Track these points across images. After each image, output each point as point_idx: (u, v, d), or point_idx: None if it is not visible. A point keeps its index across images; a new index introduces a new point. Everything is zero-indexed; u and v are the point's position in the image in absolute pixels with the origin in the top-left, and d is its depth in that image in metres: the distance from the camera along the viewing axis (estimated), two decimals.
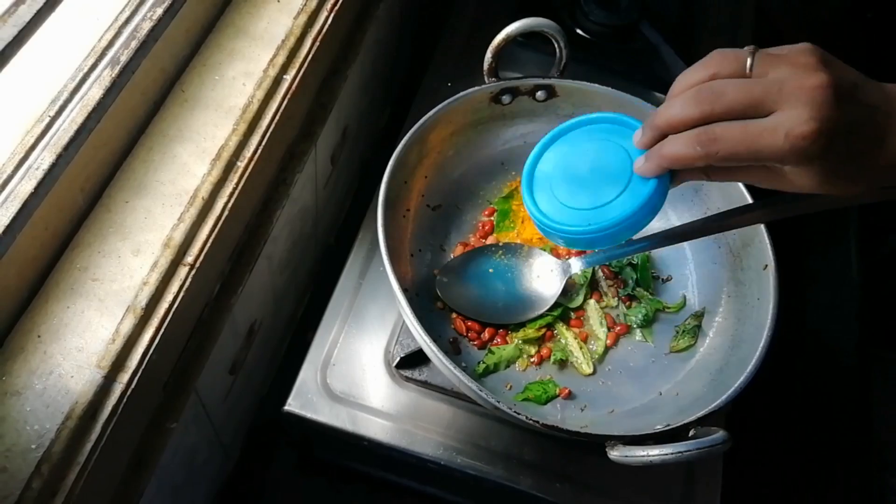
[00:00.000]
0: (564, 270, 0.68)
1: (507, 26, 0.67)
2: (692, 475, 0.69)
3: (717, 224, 0.60)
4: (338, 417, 0.69)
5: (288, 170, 0.70)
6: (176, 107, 0.59)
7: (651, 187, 0.49)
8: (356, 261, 0.78)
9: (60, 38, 0.51)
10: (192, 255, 0.53)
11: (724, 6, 1.06)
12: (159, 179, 0.55)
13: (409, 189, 0.70)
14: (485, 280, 0.69)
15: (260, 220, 0.67)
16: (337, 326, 0.73)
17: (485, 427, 0.70)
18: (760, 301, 0.64)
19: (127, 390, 0.47)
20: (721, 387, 0.59)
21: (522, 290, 0.69)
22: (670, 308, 0.71)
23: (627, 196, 0.50)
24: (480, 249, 0.71)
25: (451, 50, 0.94)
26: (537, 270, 0.69)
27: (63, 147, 0.47)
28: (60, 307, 0.49)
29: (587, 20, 0.95)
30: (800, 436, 1.02)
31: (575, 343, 0.68)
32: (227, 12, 0.65)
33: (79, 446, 0.45)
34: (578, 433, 0.55)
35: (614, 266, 0.72)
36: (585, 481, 0.68)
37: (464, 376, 0.55)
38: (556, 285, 0.68)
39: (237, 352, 0.73)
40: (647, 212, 0.50)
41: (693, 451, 0.51)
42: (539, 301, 0.68)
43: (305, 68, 0.64)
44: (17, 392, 0.45)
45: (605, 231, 0.50)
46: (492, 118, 0.74)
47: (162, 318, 0.50)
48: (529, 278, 0.69)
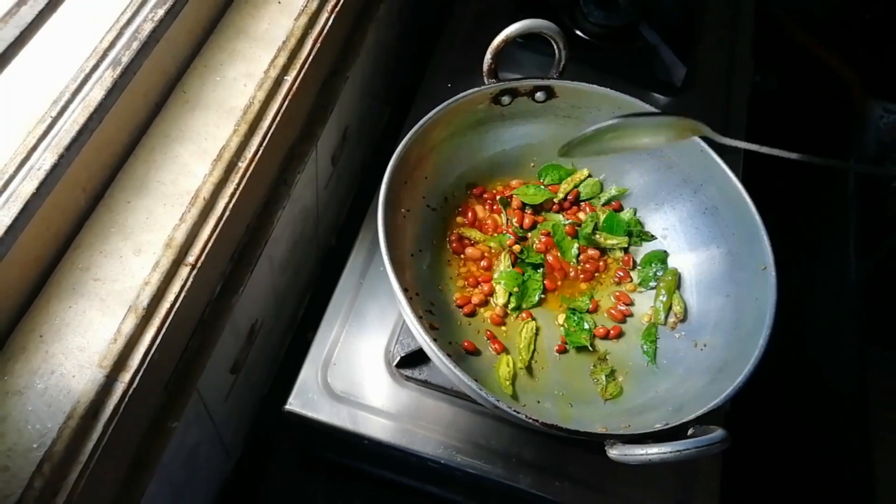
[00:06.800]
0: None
1: (506, 28, 0.67)
2: (691, 474, 0.70)
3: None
4: (338, 416, 0.69)
5: (289, 170, 0.70)
6: (177, 107, 0.59)
7: None
8: (357, 261, 0.78)
9: (62, 39, 0.52)
10: (193, 255, 0.53)
11: (724, 6, 1.06)
12: (161, 180, 0.55)
13: (409, 189, 0.70)
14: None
15: (261, 221, 0.67)
16: (337, 326, 0.74)
17: (485, 426, 0.70)
18: (759, 301, 0.64)
19: (128, 390, 0.47)
20: (720, 386, 0.59)
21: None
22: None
23: None
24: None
25: (450, 51, 0.95)
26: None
27: (65, 147, 0.47)
28: (62, 307, 0.49)
29: (586, 21, 0.95)
30: (798, 435, 1.02)
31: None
32: (228, 13, 0.65)
33: (80, 446, 0.45)
34: (578, 432, 0.55)
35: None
36: (585, 480, 0.68)
37: (464, 375, 0.55)
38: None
39: (238, 351, 0.73)
40: None
41: (692, 449, 0.51)
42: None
43: (306, 69, 0.64)
44: (19, 391, 0.45)
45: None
46: (491, 119, 0.74)
47: (163, 317, 0.50)
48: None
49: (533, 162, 0.78)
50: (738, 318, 0.66)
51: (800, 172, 1.03)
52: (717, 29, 1.03)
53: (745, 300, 0.66)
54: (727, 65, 0.99)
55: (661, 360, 0.69)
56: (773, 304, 0.62)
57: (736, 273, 0.69)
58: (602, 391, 0.67)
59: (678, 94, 0.92)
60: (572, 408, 0.66)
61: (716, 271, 0.71)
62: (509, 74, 0.72)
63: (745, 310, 0.66)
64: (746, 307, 0.66)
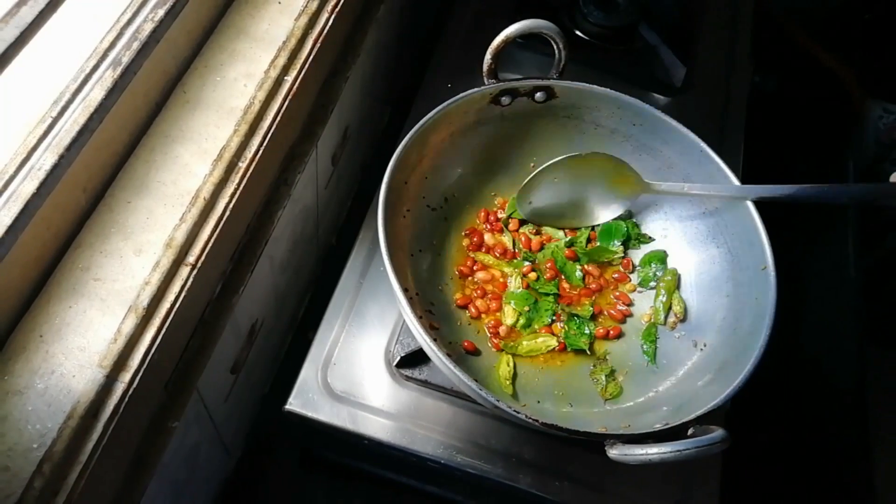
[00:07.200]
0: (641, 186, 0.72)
1: (506, 28, 0.67)
2: (691, 474, 0.70)
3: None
4: (338, 416, 0.69)
5: (289, 170, 0.70)
6: (177, 108, 0.59)
7: None
8: (357, 261, 0.78)
9: (62, 40, 0.52)
10: (193, 255, 0.53)
11: (723, 7, 1.07)
12: (161, 180, 0.55)
13: (409, 189, 0.70)
14: (555, 190, 0.74)
15: (261, 221, 0.67)
16: (338, 326, 0.74)
17: (485, 426, 0.70)
18: (759, 301, 0.64)
19: (129, 389, 0.48)
20: (720, 386, 0.59)
21: (596, 194, 0.74)
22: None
23: None
24: (547, 167, 0.73)
25: (450, 51, 0.95)
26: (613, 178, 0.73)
27: (65, 147, 0.47)
28: (62, 307, 0.49)
29: (586, 22, 0.95)
30: (798, 435, 1.02)
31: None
32: (229, 14, 0.65)
33: (80, 445, 0.45)
34: (578, 432, 0.55)
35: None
36: (585, 480, 0.68)
37: (464, 375, 0.55)
38: (625, 202, 0.74)
39: (238, 351, 0.73)
40: None
41: (692, 449, 0.51)
42: (610, 205, 0.74)
43: (306, 69, 0.64)
44: (19, 391, 0.45)
45: None
46: (491, 119, 0.74)
47: (164, 317, 0.50)
48: (603, 184, 0.74)
49: (533, 162, 0.78)
50: (737, 317, 0.66)
51: (800, 172, 1.03)
52: (717, 30, 1.03)
53: (745, 300, 0.66)
54: (726, 65, 0.99)
55: (661, 360, 0.69)
56: (773, 304, 0.62)
57: (736, 273, 0.69)
58: (602, 391, 0.67)
59: (677, 95, 0.92)
60: (572, 408, 0.66)
61: (716, 271, 0.71)
62: (509, 74, 0.72)
63: (745, 309, 0.66)
64: (746, 307, 0.66)
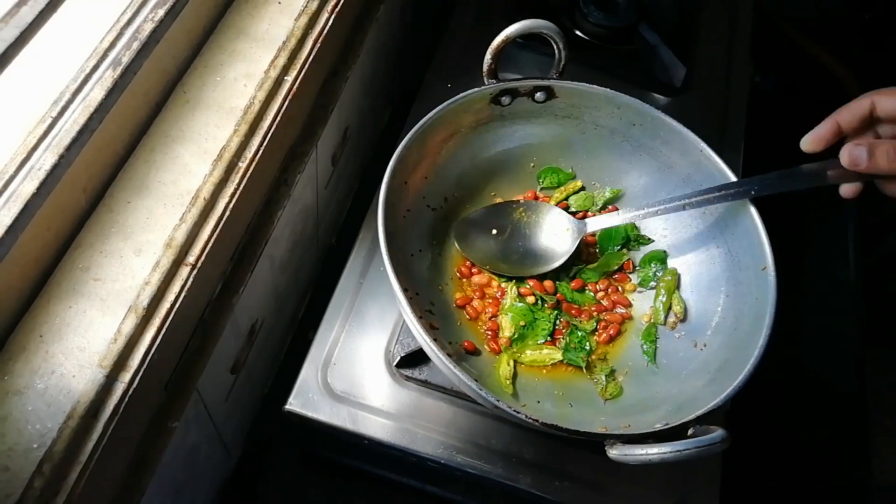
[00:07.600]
0: (580, 230, 0.72)
1: (506, 28, 0.67)
2: (691, 474, 0.70)
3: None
4: (338, 416, 0.69)
5: (289, 170, 0.70)
6: (178, 108, 0.59)
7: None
8: (357, 261, 0.78)
9: (62, 40, 0.52)
10: (193, 255, 0.53)
11: (723, 7, 1.07)
12: (161, 180, 0.55)
13: (409, 190, 0.70)
14: (501, 233, 0.74)
15: (261, 221, 0.67)
16: (338, 326, 0.74)
17: (485, 426, 0.70)
18: (759, 301, 0.64)
19: (129, 389, 0.47)
20: (720, 386, 0.59)
21: (538, 245, 0.73)
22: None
23: None
24: (501, 205, 0.75)
25: (451, 51, 0.95)
26: (554, 227, 0.73)
27: (65, 147, 0.47)
28: (62, 307, 0.49)
29: (586, 22, 0.95)
30: (798, 435, 1.02)
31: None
32: (229, 14, 0.65)
33: (80, 445, 0.45)
34: (578, 432, 0.55)
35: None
36: (585, 480, 0.68)
37: (464, 375, 0.55)
38: (569, 243, 0.72)
39: (238, 351, 0.73)
40: None
41: (692, 449, 0.51)
42: (553, 256, 0.72)
43: (306, 69, 0.64)
44: (19, 391, 0.45)
45: None
46: (491, 119, 0.74)
47: (164, 317, 0.50)
48: (546, 234, 0.73)
49: (533, 162, 0.78)
50: (737, 317, 0.66)
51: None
52: (717, 30, 1.03)
53: (745, 300, 0.66)
54: (726, 65, 0.99)
55: (661, 360, 0.69)
56: (773, 304, 0.62)
57: (736, 273, 0.69)
58: (602, 391, 0.67)
59: (677, 95, 0.92)
60: (572, 408, 0.66)
61: (715, 271, 0.71)
62: (509, 74, 0.72)
63: (745, 310, 0.66)
64: (746, 307, 0.66)
